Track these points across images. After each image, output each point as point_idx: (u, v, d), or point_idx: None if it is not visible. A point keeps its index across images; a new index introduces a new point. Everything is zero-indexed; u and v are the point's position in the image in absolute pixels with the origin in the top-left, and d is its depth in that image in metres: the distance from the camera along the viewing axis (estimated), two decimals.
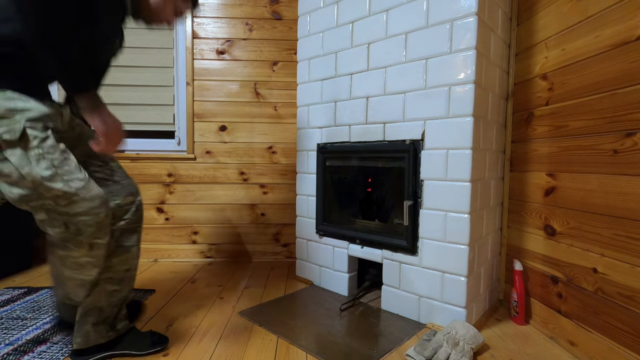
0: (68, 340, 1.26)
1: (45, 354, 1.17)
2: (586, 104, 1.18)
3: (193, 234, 2.34)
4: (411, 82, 1.45)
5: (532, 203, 1.46)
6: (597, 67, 1.14)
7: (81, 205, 0.93)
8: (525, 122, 1.51)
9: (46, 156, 0.89)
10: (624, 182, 1.04)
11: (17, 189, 0.89)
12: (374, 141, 1.59)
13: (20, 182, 0.88)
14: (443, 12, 1.36)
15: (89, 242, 0.98)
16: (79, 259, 1.00)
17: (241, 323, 1.43)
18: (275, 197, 2.37)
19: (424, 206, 1.43)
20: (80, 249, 0.98)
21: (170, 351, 1.21)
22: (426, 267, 1.43)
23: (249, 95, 2.33)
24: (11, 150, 0.86)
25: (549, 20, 1.37)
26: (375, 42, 1.57)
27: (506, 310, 1.58)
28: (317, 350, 1.22)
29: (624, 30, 1.04)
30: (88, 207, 0.94)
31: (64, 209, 0.92)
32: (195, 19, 2.29)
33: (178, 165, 2.31)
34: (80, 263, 1.00)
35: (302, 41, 1.91)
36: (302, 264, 1.97)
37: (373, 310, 1.56)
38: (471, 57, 1.29)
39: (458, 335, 1.18)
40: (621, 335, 1.04)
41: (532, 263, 1.45)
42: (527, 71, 1.50)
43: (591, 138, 1.16)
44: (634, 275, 1.01)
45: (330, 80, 1.76)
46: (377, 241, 1.59)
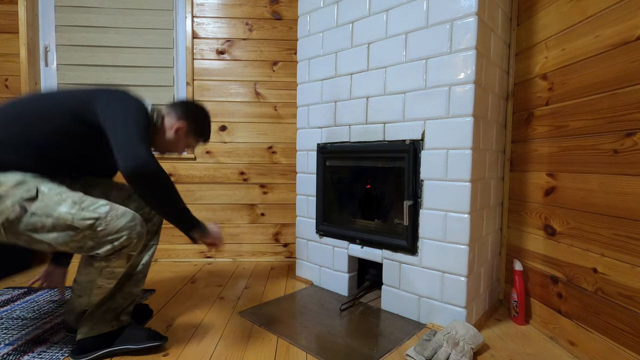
0: (68, 340, 1.26)
1: (45, 354, 1.17)
2: (586, 104, 1.18)
3: None
4: (411, 82, 1.45)
5: (532, 203, 1.46)
6: (597, 67, 1.14)
7: (117, 224, 1.02)
8: (525, 122, 1.51)
9: (65, 198, 1.01)
10: (624, 182, 1.04)
11: (57, 234, 0.99)
12: (374, 141, 1.59)
13: (55, 227, 0.99)
14: (443, 12, 1.36)
15: (130, 253, 1.07)
16: (116, 268, 1.08)
17: (241, 323, 1.43)
18: (275, 197, 2.37)
19: (424, 206, 1.43)
20: (121, 260, 1.07)
21: (170, 351, 1.21)
22: (426, 267, 1.43)
23: (249, 95, 2.33)
24: (34, 204, 0.98)
25: (549, 20, 1.37)
26: (375, 42, 1.57)
27: (506, 310, 1.58)
28: (317, 350, 1.22)
29: (624, 30, 1.04)
30: (124, 223, 1.03)
31: (104, 232, 1.01)
32: (195, 19, 2.29)
33: (178, 165, 2.31)
34: (115, 273, 1.09)
35: (302, 41, 1.91)
36: (302, 264, 1.97)
37: (373, 310, 1.56)
38: (471, 57, 1.29)
39: (458, 335, 1.18)
40: (621, 335, 1.04)
41: (532, 263, 1.45)
42: (527, 71, 1.50)
43: (591, 138, 1.16)
44: (634, 275, 1.01)
45: (330, 80, 1.76)
46: (377, 241, 1.59)
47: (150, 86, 2.29)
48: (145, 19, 2.27)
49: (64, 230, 0.99)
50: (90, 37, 2.25)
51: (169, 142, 1.30)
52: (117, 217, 1.02)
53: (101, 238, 1.01)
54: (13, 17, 2.16)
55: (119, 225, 1.02)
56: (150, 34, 2.28)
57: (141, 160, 0.99)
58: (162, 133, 1.29)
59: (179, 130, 1.29)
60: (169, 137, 1.29)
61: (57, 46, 2.25)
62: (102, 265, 1.06)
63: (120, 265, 1.08)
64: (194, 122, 1.32)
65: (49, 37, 2.25)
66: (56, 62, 2.25)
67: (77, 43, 2.25)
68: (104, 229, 1.01)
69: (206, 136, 1.39)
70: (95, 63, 2.26)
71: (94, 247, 1.02)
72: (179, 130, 1.29)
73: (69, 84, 2.26)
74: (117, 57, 2.27)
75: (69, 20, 2.24)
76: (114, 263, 1.06)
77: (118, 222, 1.02)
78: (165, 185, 1.06)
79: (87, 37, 2.25)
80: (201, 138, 1.37)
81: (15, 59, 2.18)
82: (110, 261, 1.05)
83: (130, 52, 2.27)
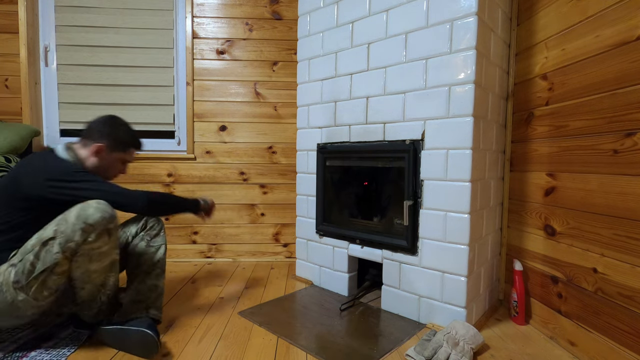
0: (75, 336, 1.27)
1: (52, 349, 1.19)
2: (586, 104, 1.18)
3: (193, 234, 2.34)
4: (411, 82, 1.45)
5: (532, 203, 1.46)
6: (597, 67, 1.14)
7: (70, 220, 1.08)
8: (525, 122, 1.51)
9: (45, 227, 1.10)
10: (624, 182, 1.04)
11: (57, 255, 1.07)
12: (374, 141, 1.59)
13: (51, 248, 1.07)
14: (443, 12, 1.36)
15: (107, 227, 1.11)
16: (102, 247, 1.12)
17: (241, 323, 1.43)
18: (275, 197, 2.37)
19: (424, 206, 1.43)
20: (102, 237, 1.11)
21: (170, 351, 1.21)
22: (426, 267, 1.43)
23: (249, 95, 2.33)
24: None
25: (549, 20, 1.37)
26: (375, 42, 1.57)
27: (506, 310, 1.58)
28: (317, 350, 1.22)
29: (624, 30, 1.04)
30: (75, 214, 1.09)
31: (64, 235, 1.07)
32: (195, 19, 2.29)
33: (178, 165, 2.31)
34: (103, 251, 1.13)
35: (302, 41, 1.91)
36: (302, 264, 1.97)
37: (373, 310, 1.56)
38: (471, 57, 1.29)
39: (458, 335, 1.18)
40: (621, 335, 1.04)
41: (532, 263, 1.45)
42: (527, 71, 1.50)
43: (591, 138, 1.16)
44: (634, 275, 1.01)
45: (330, 80, 1.76)
46: (377, 241, 1.59)
47: (150, 86, 2.29)
48: (145, 19, 2.27)
49: (60, 249, 1.07)
50: (90, 37, 2.25)
51: (100, 169, 1.28)
52: (67, 219, 1.07)
53: (67, 237, 1.06)
54: (13, 17, 2.16)
55: (72, 218, 1.07)
56: (150, 34, 2.28)
57: (142, 199, 1.21)
58: (89, 164, 1.27)
59: (100, 153, 1.27)
60: (95, 163, 1.27)
61: (57, 46, 2.25)
62: (88, 251, 1.09)
63: (104, 242, 1.11)
64: (108, 136, 1.28)
65: (49, 37, 2.25)
66: (56, 62, 2.25)
67: (77, 43, 2.25)
68: (63, 232, 1.06)
69: (133, 144, 1.35)
70: (95, 63, 2.26)
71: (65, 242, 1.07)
72: (99, 152, 1.27)
73: (69, 84, 2.26)
74: (117, 57, 2.27)
75: (69, 20, 2.24)
76: (98, 243, 1.10)
77: (70, 217, 1.07)
78: (165, 202, 1.32)
79: (87, 37, 2.25)
80: (130, 148, 1.35)
81: (15, 59, 2.18)
82: (94, 242, 1.09)
83: (130, 52, 2.27)
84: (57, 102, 2.26)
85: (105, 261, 1.16)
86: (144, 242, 1.39)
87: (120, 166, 1.36)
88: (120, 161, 1.34)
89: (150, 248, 1.39)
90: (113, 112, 2.25)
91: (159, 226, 1.45)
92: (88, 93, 2.27)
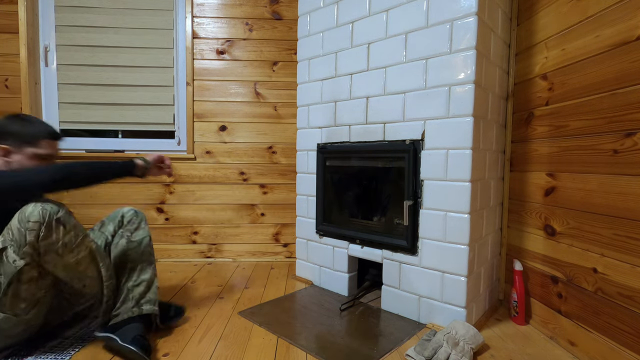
0: (79, 335, 1.28)
1: (57, 348, 1.19)
2: (586, 104, 1.18)
3: (193, 234, 2.34)
4: (411, 82, 1.45)
5: (532, 203, 1.46)
6: (597, 67, 1.14)
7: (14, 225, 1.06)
8: (525, 122, 1.51)
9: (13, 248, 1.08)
10: (624, 182, 1.04)
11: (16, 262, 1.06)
12: (374, 141, 1.59)
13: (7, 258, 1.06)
14: (443, 12, 1.36)
15: (57, 218, 1.07)
16: (65, 237, 1.09)
17: (241, 323, 1.43)
18: (275, 197, 2.37)
19: (424, 206, 1.43)
20: (56, 229, 1.07)
21: (170, 351, 1.21)
22: (426, 267, 1.43)
23: (249, 95, 2.33)
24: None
25: (549, 20, 1.37)
26: (375, 42, 1.57)
27: (506, 310, 1.58)
28: (317, 350, 1.22)
29: (624, 30, 1.04)
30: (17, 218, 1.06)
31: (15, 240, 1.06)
32: (195, 19, 2.29)
33: (178, 165, 2.31)
34: (71, 241, 1.11)
35: (302, 41, 1.91)
36: (302, 264, 1.97)
37: (373, 310, 1.56)
38: (471, 57, 1.29)
39: (458, 335, 1.18)
40: (621, 335, 1.04)
41: (532, 263, 1.45)
42: (527, 71, 1.50)
43: (591, 138, 1.16)
44: (634, 275, 1.01)
45: (330, 80, 1.76)
46: (377, 241, 1.59)
47: (150, 86, 2.29)
48: (145, 19, 2.27)
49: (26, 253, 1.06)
50: (90, 37, 2.25)
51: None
52: (11, 227, 1.05)
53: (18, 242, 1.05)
54: (13, 17, 2.16)
55: (15, 224, 1.05)
56: (150, 34, 2.28)
57: (46, 177, 1.09)
58: (4, 168, 1.19)
59: (8, 154, 1.19)
60: (9, 166, 1.19)
61: (57, 46, 2.25)
62: (47, 247, 1.07)
63: (63, 233, 1.08)
64: (10, 135, 1.20)
65: (49, 37, 2.25)
66: (56, 62, 2.25)
67: (77, 43, 2.25)
68: (12, 239, 1.05)
69: (41, 135, 1.24)
70: (95, 63, 2.26)
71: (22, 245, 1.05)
72: (7, 154, 1.19)
73: (69, 84, 2.26)
74: (117, 57, 2.27)
75: (69, 20, 2.24)
76: (53, 237, 1.07)
77: (13, 224, 1.05)
78: (77, 172, 1.15)
79: (87, 37, 2.25)
80: (38, 141, 1.23)
81: (15, 59, 2.18)
82: (46, 238, 1.06)
83: (130, 52, 2.27)
84: (57, 102, 2.26)
85: (80, 251, 1.13)
86: (124, 240, 1.33)
87: (36, 163, 1.23)
88: (35, 157, 1.22)
89: (131, 243, 1.33)
90: (113, 112, 2.27)
91: (137, 219, 1.38)
92: (88, 93, 2.27)
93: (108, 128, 2.30)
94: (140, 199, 2.29)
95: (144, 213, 1.41)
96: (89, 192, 2.25)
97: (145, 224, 1.39)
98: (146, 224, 1.39)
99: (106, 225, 1.37)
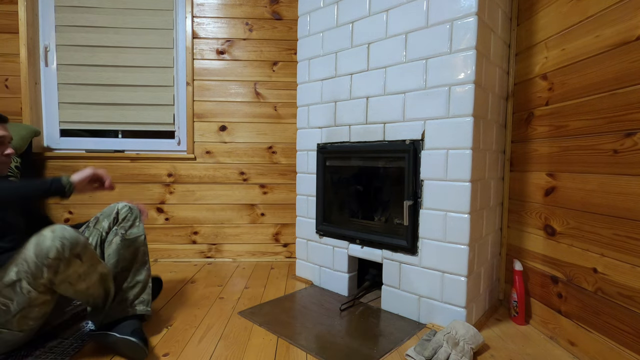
0: (78, 336, 1.28)
1: (57, 348, 1.19)
2: (586, 104, 1.18)
3: (193, 234, 2.34)
4: (411, 82, 1.45)
5: (532, 203, 1.46)
6: (597, 67, 1.14)
7: (28, 257, 1.04)
8: (525, 122, 1.51)
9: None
10: (624, 182, 1.04)
11: (30, 293, 1.05)
12: (374, 141, 1.59)
13: (20, 290, 1.05)
14: (443, 12, 1.36)
15: (71, 256, 1.05)
16: (79, 270, 1.08)
17: (241, 323, 1.43)
18: (275, 197, 2.37)
19: (424, 206, 1.43)
20: (73, 264, 1.06)
21: (170, 351, 1.21)
22: (426, 267, 1.43)
23: (249, 95, 2.33)
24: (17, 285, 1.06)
25: (549, 20, 1.37)
26: (375, 42, 1.57)
27: (506, 310, 1.58)
28: (317, 350, 1.22)
29: (624, 30, 1.04)
30: (32, 251, 1.04)
31: (29, 273, 1.04)
32: (195, 19, 2.29)
33: (178, 165, 2.31)
34: (82, 273, 1.10)
35: (302, 41, 1.91)
36: (302, 264, 1.97)
37: (373, 310, 1.56)
38: (471, 57, 1.29)
39: (458, 335, 1.18)
40: (621, 335, 1.04)
41: (532, 263, 1.45)
42: (527, 71, 1.50)
43: (591, 138, 1.16)
44: (634, 275, 1.01)
45: (330, 80, 1.76)
46: (377, 241, 1.59)
47: (150, 86, 2.29)
48: (145, 19, 2.27)
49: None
50: (90, 37, 2.25)
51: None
52: (27, 259, 1.03)
53: (34, 275, 1.03)
54: (13, 17, 2.16)
55: (31, 257, 1.02)
56: (150, 34, 2.28)
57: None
58: None
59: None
60: None
61: (57, 46, 2.25)
62: (66, 278, 1.07)
63: (79, 266, 1.07)
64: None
65: (49, 37, 2.25)
66: (56, 62, 2.25)
67: (77, 43, 2.25)
68: (28, 272, 1.03)
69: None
70: (95, 63, 2.26)
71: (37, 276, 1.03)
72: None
73: (69, 84, 2.26)
74: (117, 57, 2.27)
75: (69, 20, 2.24)
76: (70, 270, 1.06)
77: (29, 255, 1.03)
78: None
79: (87, 37, 2.25)
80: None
81: (15, 59, 2.18)
82: (63, 272, 1.05)
83: (130, 52, 2.27)
84: (57, 102, 2.26)
85: (92, 278, 1.13)
86: (119, 237, 1.30)
87: None
88: None
89: (126, 241, 1.30)
90: (113, 112, 2.27)
91: (132, 215, 1.35)
92: (88, 93, 2.27)
93: (108, 128, 2.30)
94: (140, 199, 2.29)
95: (138, 209, 1.39)
96: None
97: (140, 221, 1.37)
98: (141, 222, 1.37)
99: (100, 221, 1.34)
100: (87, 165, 2.25)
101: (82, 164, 2.25)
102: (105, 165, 2.26)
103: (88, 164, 2.25)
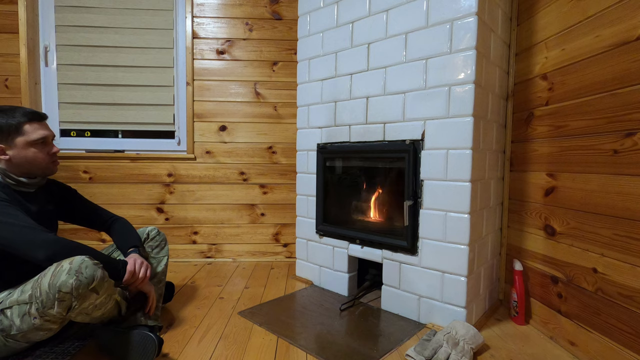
0: (80, 335, 1.29)
1: (57, 348, 1.19)
2: (586, 104, 1.18)
3: (193, 234, 2.34)
4: (411, 82, 1.45)
5: (532, 203, 1.46)
6: (597, 67, 1.14)
7: (43, 285, 1.00)
8: (525, 122, 1.51)
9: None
10: (624, 182, 1.04)
11: (35, 320, 1.03)
12: (374, 141, 1.59)
13: (27, 315, 1.04)
14: (443, 12, 1.36)
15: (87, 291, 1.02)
16: (95, 302, 1.06)
17: (241, 323, 1.43)
18: (275, 197, 2.37)
19: (424, 206, 1.43)
20: (88, 298, 1.03)
21: (170, 351, 1.21)
22: (426, 267, 1.43)
23: (249, 95, 2.33)
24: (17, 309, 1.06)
25: (549, 20, 1.37)
26: (375, 42, 1.57)
27: (506, 310, 1.58)
28: (317, 350, 1.22)
29: (624, 30, 1.04)
30: (48, 282, 1.00)
31: (41, 300, 1.01)
32: (195, 19, 2.29)
33: (178, 165, 2.31)
34: (99, 304, 1.07)
35: (302, 41, 1.91)
36: (302, 264, 1.97)
37: (373, 310, 1.56)
38: (471, 57, 1.29)
39: (458, 335, 1.18)
40: (621, 335, 1.04)
41: (532, 263, 1.45)
42: (527, 71, 1.50)
43: (591, 138, 1.16)
44: (634, 275, 1.01)
45: (330, 80, 1.76)
46: (377, 241, 1.59)
47: (150, 86, 2.29)
48: (145, 19, 2.27)
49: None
50: (90, 37, 2.25)
51: (19, 167, 1.16)
52: (41, 285, 1.00)
53: (43, 305, 1.00)
54: (13, 17, 2.16)
55: (45, 285, 0.99)
56: (150, 34, 2.28)
57: (43, 250, 1.03)
58: (8, 169, 1.15)
59: (3, 152, 1.13)
60: (10, 164, 1.14)
61: (57, 46, 2.25)
62: (82, 310, 1.04)
63: (94, 299, 1.03)
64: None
65: (49, 37, 2.25)
66: (56, 62, 2.25)
67: (77, 43, 2.25)
68: (39, 299, 0.99)
69: (23, 121, 1.15)
70: (95, 63, 2.26)
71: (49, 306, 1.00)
72: (2, 151, 1.13)
73: (69, 84, 2.25)
74: (117, 57, 2.27)
75: (69, 20, 2.24)
76: (85, 304, 1.03)
77: (43, 282, 1.00)
78: None
79: (87, 37, 2.25)
80: (23, 126, 1.15)
81: (15, 59, 2.18)
82: (78, 307, 1.02)
83: (130, 52, 2.27)
84: (57, 102, 2.26)
85: (108, 306, 1.11)
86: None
87: (35, 150, 1.16)
88: (29, 145, 1.15)
89: (152, 260, 1.40)
90: (113, 112, 2.27)
91: (160, 237, 1.46)
92: (88, 93, 2.27)
93: (108, 128, 2.30)
94: (140, 199, 2.29)
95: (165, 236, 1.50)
96: (88, 192, 2.25)
97: (166, 243, 1.47)
98: (167, 244, 1.47)
99: None
100: (87, 165, 2.25)
101: (82, 164, 2.25)
102: (106, 165, 2.26)
103: (88, 164, 2.25)
